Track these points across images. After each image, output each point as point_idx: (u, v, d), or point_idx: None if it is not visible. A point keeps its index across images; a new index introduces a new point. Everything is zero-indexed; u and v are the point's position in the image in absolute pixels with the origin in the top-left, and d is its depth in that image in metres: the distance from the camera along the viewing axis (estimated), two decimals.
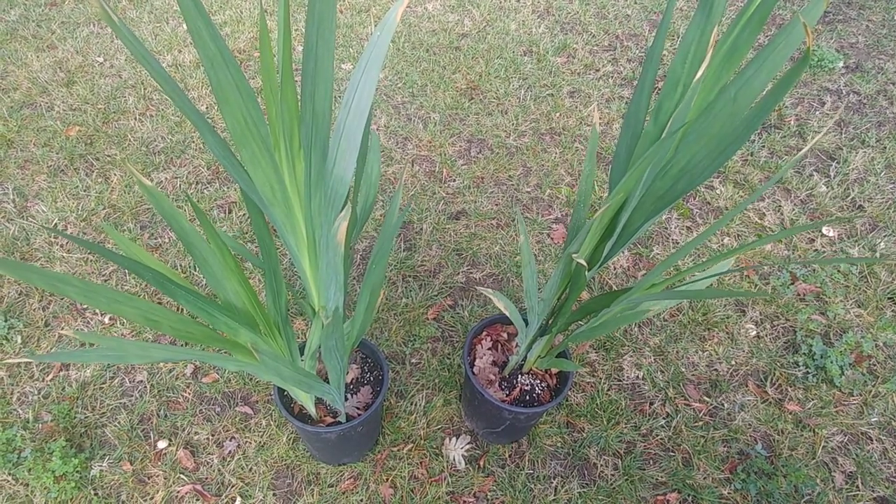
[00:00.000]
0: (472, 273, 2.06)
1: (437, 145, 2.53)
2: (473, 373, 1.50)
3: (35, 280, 0.79)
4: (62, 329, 1.78)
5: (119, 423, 1.66)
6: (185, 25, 3.17)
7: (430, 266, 2.08)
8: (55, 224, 2.16)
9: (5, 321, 1.85)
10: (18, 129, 2.53)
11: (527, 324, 1.42)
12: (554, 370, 1.53)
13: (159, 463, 1.58)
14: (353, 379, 1.53)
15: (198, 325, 1.02)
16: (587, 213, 1.23)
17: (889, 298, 2.02)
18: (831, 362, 1.79)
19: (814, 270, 2.10)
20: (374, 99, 2.76)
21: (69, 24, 3.16)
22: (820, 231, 2.23)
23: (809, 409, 1.75)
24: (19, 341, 1.82)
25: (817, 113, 2.76)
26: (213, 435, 1.64)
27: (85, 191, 2.31)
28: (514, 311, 1.43)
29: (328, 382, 1.27)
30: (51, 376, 1.75)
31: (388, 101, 2.75)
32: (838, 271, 2.09)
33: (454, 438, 1.65)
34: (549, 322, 1.40)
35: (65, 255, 2.06)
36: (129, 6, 3.30)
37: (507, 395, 1.49)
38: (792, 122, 2.70)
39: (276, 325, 1.20)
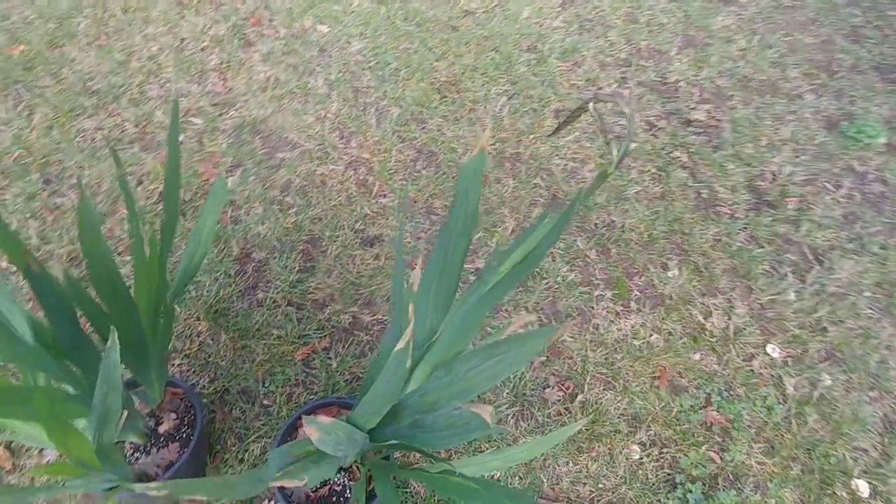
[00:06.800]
0: (361, 314, 1.91)
1: (382, 149, 2.30)
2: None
3: None
4: None
5: None
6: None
7: (321, 296, 1.93)
8: None
9: None
10: None
11: None
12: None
13: None
14: (165, 431, 1.44)
15: None
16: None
17: (807, 449, 1.80)
18: None
19: (737, 396, 1.87)
20: (338, 77, 2.50)
21: None
22: (763, 349, 1.98)
23: None
24: None
25: (827, 197, 2.38)
26: None
27: (6, 124, 2.19)
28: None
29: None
30: None
31: (350, 83, 2.48)
32: (763, 405, 1.86)
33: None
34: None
35: None
36: None
37: (313, 491, 1.39)
38: (793, 204, 2.35)
39: None
